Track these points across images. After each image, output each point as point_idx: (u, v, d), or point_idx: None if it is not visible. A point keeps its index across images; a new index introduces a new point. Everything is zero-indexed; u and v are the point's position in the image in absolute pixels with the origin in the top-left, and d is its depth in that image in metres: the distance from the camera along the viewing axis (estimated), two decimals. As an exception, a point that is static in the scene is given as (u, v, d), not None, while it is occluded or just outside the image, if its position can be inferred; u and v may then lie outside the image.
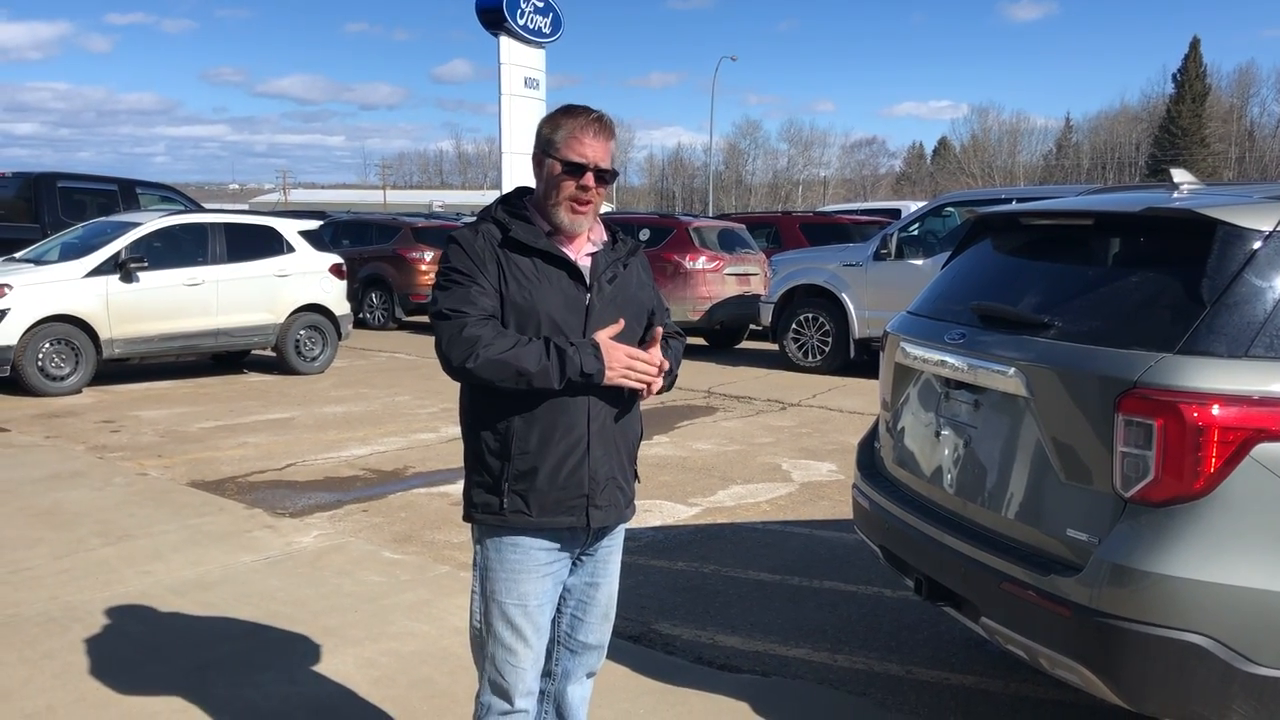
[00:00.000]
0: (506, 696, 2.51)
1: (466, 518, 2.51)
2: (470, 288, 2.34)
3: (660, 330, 2.48)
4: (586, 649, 2.68)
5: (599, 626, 2.67)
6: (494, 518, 2.43)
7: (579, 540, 2.52)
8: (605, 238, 2.55)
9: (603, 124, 2.43)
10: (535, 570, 2.46)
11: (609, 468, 2.47)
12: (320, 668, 3.89)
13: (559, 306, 2.38)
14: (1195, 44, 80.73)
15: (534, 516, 2.41)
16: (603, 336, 2.35)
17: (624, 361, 2.34)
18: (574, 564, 2.58)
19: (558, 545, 2.49)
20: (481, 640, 2.53)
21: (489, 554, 2.48)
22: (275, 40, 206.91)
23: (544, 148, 2.45)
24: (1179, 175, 3.38)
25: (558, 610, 2.62)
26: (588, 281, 2.43)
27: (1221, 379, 2.53)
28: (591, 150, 2.40)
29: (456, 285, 2.35)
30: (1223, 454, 2.50)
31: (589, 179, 2.40)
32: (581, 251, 2.48)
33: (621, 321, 2.41)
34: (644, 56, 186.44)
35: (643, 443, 2.66)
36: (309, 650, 4.04)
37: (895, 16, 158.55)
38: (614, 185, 2.59)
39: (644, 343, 2.47)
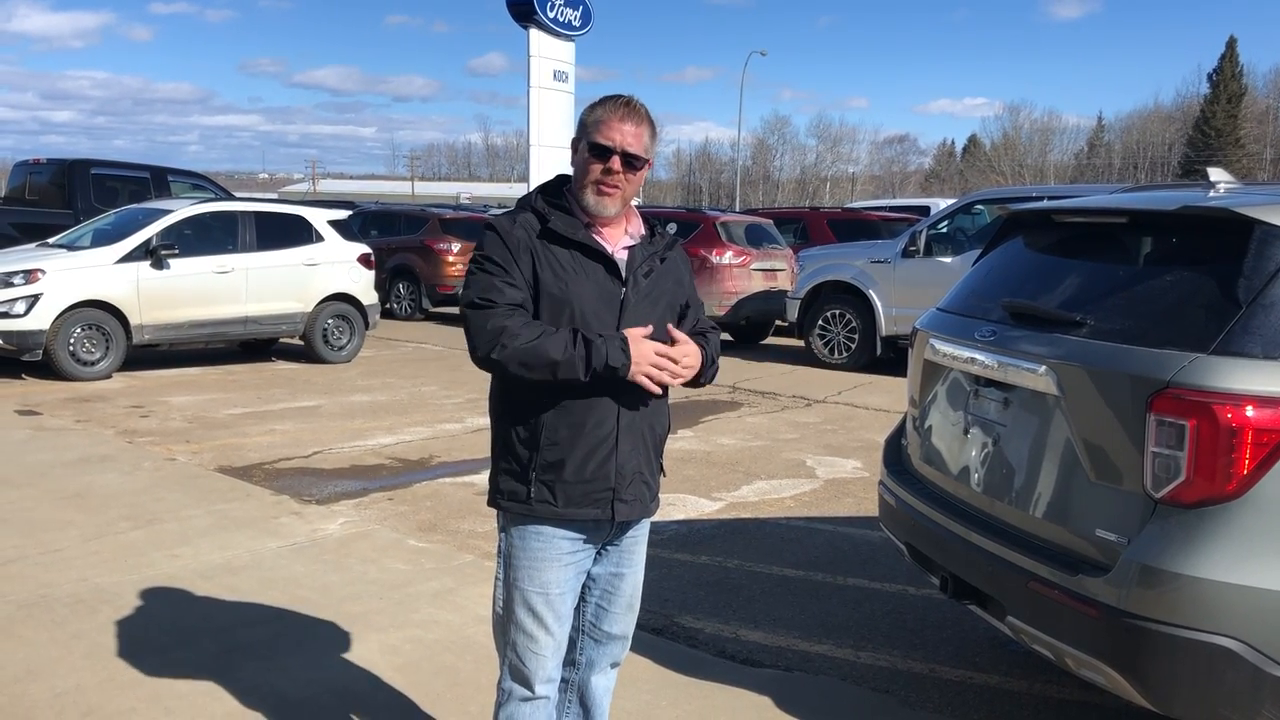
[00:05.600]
0: (527, 683, 2.52)
1: (492, 503, 2.52)
2: (500, 278, 2.34)
3: (674, 329, 2.46)
4: (611, 639, 2.68)
5: (623, 617, 2.68)
6: (520, 506, 2.44)
7: (603, 532, 2.53)
8: (643, 231, 2.54)
9: (632, 108, 2.43)
10: (558, 559, 2.47)
11: (636, 462, 2.47)
12: (344, 654, 3.91)
13: (594, 299, 2.38)
14: (1231, 43, 79.64)
15: (560, 507, 2.42)
16: (633, 332, 2.35)
17: (650, 359, 2.34)
18: (599, 554, 2.59)
19: (583, 536, 2.49)
20: (504, 626, 2.54)
21: (513, 542, 2.49)
22: (314, 31, 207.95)
23: (579, 133, 2.47)
24: (1216, 174, 3.34)
25: (582, 599, 2.63)
26: (623, 275, 2.43)
27: (1256, 380, 2.50)
28: (619, 135, 2.40)
29: (487, 274, 2.36)
30: (1256, 456, 2.47)
31: (615, 163, 2.40)
32: (619, 244, 2.47)
33: (650, 326, 2.41)
34: (680, 51, 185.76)
35: (668, 437, 2.66)
36: (334, 636, 4.07)
37: (936, 13, 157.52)
38: (642, 179, 2.58)
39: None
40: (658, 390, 2.39)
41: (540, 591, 2.48)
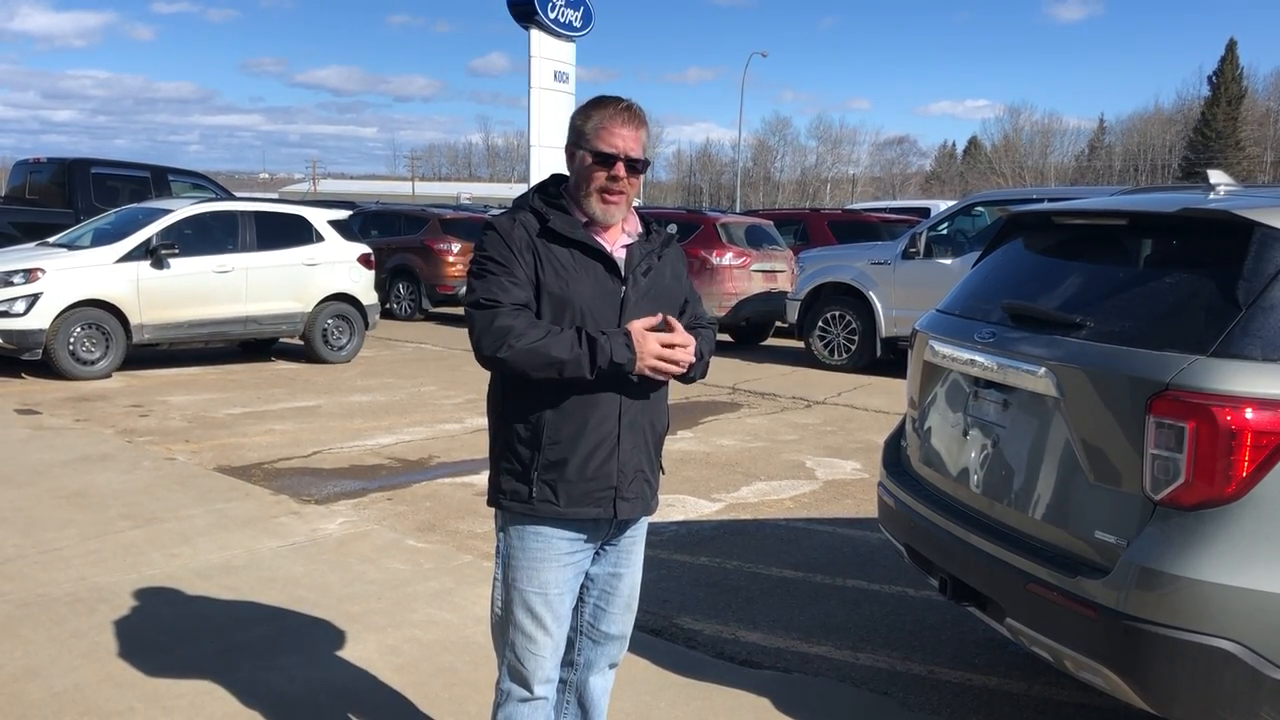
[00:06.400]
0: (526, 684, 2.52)
1: (492, 503, 2.52)
2: (504, 277, 2.34)
3: (671, 319, 2.44)
4: (609, 639, 2.68)
5: (621, 617, 2.68)
6: (522, 506, 2.44)
7: (603, 531, 2.53)
8: (640, 229, 2.54)
9: (632, 113, 2.43)
10: (557, 559, 2.47)
11: (637, 461, 2.48)
12: (343, 653, 3.91)
13: (594, 298, 2.38)
14: (1232, 46, 79.67)
15: (562, 507, 2.42)
16: (635, 326, 2.34)
17: (655, 351, 2.33)
18: (597, 554, 2.59)
19: (583, 536, 2.49)
20: (503, 627, 2.54)
21: (512, 542, 2.49)
22: (316, 31, 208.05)
23: (575, 139, 2.45)
24: (1216, 176, 3.33)
25: (580, 600, 2.63)
26: (623, 274, 2.43)
27: (1256, 382, 2.50)
28: (621, 140, 2.39)
29: (490, 275, 2.35)
30: (1256, 458, 2.47)
31: (619, 169, 2.40)
32: (617, 243, 2.47)
33: (660, 315, 2.40)
34: (683, 52, 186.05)
35: (667, 437, 2.66)
36: (332, 636, 4.07)
37: (938, 15, 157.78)
38: (642, 180, 2.59)
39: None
40: (667, 379, 2.40)
41: (539, 592, 2.47)
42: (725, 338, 14.81)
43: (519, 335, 2.28)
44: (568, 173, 2.51)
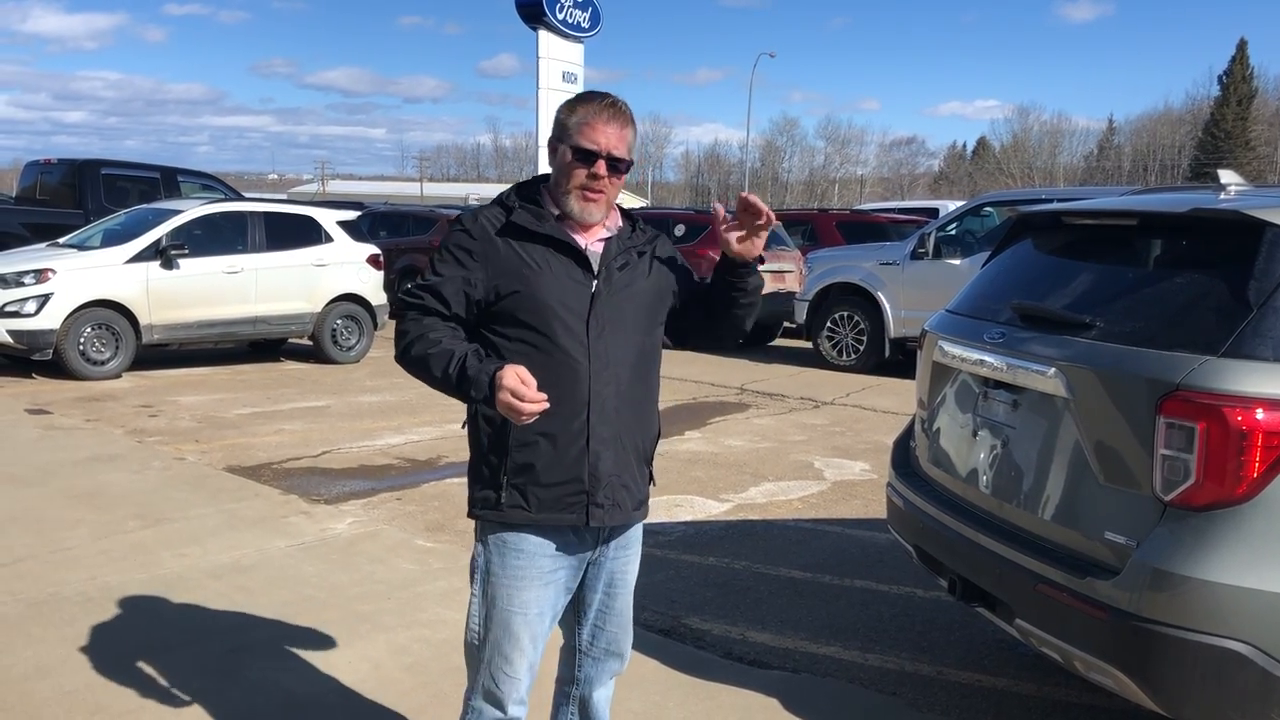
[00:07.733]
0: (500, 705, 2.45)
1: (470, 514, 2.45)
2: (434, 281, 2.32)
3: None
4: (610, 656, 2.63)
5: (620, 636, 2.62)
6: (493, 513, 2.36)
7: (586, 545, 2.44)
8: (620, 224, 2.45)
9: (617, 110, 2.34)
10: (540, 577, 2.39)
11: (612, 465, 2.36)
12: (353, 653, 3.92)
13: (562, 294, 2.30)
14: (1242, 45, 79.30)
15: (533, 513, 2.33)
16: (509, 369, 2.17)
17: (506, 401, 2.15)
18: (591, 577, 2.52)
19: (564, 551, 2.41)
20: (478, 644, 2.45)
21: (492, 557, 2.40)
22: (327, 32, 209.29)
23: (559, 133, 2.37)
24: (1226, 176, 3.33)
25: (578, 622, 2.58)
26: (595, 269, 2.35)
27: (1267, 383, 2.49)
28: (604, 137, 2.31)
29: (426, 274, 2.35)
30: (1267, 459, 2.46)
31: (600, 167, 2.31)
32: (594, 237, 2.39)
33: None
34: (691, 53, 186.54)
35: (675, 438, 2.66)
36: (341, 635, 4.07)
37: (947, 15, 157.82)
38: (650, 181, 2.54)
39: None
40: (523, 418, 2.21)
41: (520, 612, 2.39)
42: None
43: (410, 344, 2.29)
44: (551, 170, 2.42)
